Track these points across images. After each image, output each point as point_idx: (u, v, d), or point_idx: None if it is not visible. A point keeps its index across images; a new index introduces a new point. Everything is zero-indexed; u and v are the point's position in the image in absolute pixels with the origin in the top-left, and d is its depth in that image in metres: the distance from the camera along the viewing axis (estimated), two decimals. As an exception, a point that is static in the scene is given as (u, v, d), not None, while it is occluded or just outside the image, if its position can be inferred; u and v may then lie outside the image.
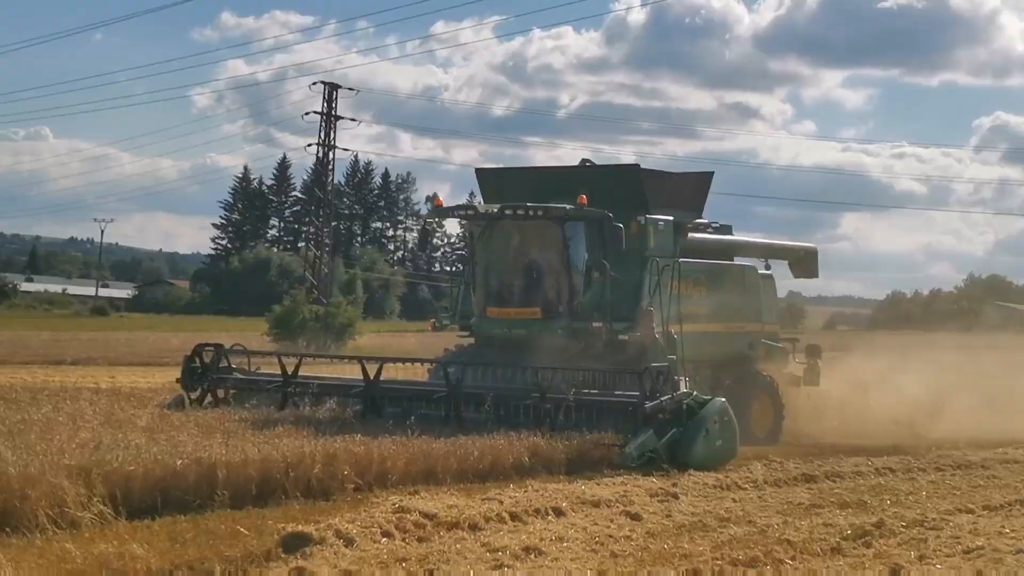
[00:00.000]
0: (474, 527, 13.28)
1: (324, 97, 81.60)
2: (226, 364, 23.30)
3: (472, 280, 24.61)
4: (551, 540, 12.80)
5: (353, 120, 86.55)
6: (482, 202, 25.46)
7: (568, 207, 22.64)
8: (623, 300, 23.18)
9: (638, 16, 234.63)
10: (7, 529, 12.14)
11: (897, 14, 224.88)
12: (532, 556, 12.10)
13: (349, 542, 12.05)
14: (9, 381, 31.80)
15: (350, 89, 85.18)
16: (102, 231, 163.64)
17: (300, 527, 12.22)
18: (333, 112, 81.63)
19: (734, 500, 16.31)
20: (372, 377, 21.38)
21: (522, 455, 17.46)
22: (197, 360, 23.09)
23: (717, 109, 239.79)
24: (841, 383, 28.33)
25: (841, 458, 20.77)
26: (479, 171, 27.35)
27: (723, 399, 20.26)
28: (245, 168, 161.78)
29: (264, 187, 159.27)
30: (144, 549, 11.57)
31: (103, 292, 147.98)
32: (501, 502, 14.50)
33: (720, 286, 25.65)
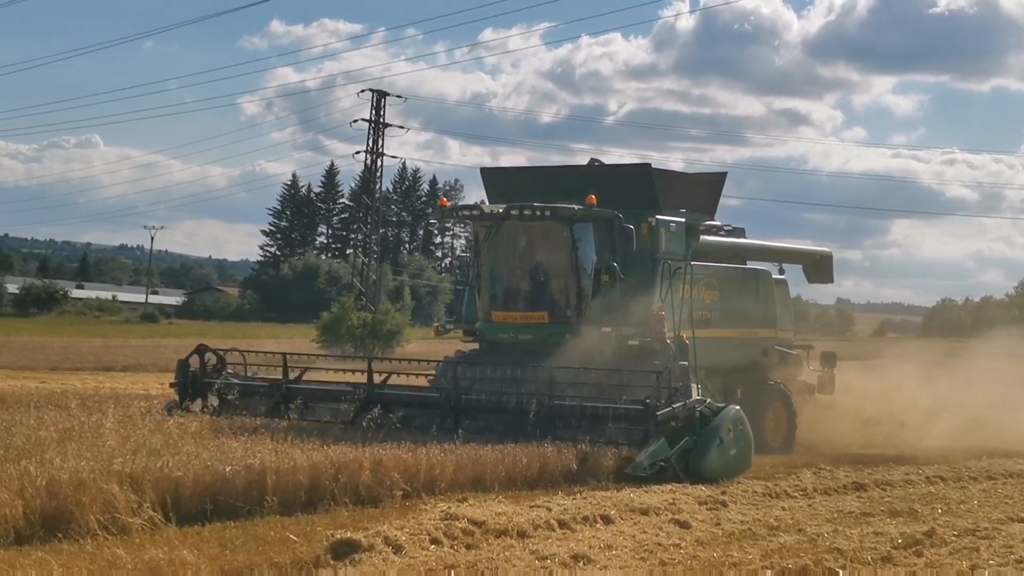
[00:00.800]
0: (522, 534, 13.27)
1: (372, 104, 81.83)
2: (222, 368, 22.84)
3: (477, 283, 23.86)
4: (600, 548, 12.77)
5: (401, 127, 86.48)
6: (488, 203, 24.61)
7: (576, 207, 21.97)
8: (633, 304, 22.39)
9: (687, 22, 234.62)
10: (59, 534, 12.22)
11: (948, 19, 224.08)
12: (581, 564, 12.08)
13: (398, 549, 12.06)
14: (60, 387, 32.07)
15: (398, 96, 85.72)
16: (152, 238, 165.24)
17: (349, 534, 12.23)
18: (381, 119, 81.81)
19: (783, 508, 16.23)
20: (376, 382, 21.11)
21: (570, 463, 17.43)
22: (192, 364, 22.67)
23: (766, 115, 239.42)
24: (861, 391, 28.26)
25: (891, 467, 20.64)
26: (484, 171, 26.54)
27: (738, 407, 19.80)
28: (294, 175, 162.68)
29: (312, 194, 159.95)
30: (194, 555, 11.63)
31: (153, 299, 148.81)
32: (549, 509, 14.49)
33: (733, 290, 24.99)
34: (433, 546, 12.43)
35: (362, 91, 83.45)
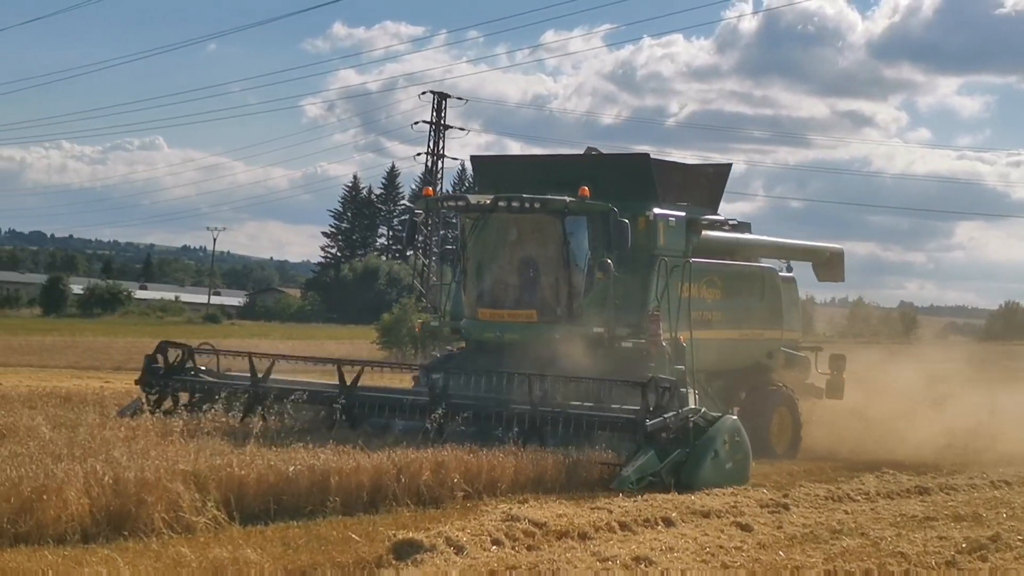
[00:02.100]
0: (583, 536, 13.27)
1: (433, 106, 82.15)
2: (192, 365, 21.86)
3: (463, 278, 22.46)
4: (661, 550, 12.74)
5: (462, 129, 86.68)
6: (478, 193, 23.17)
7: (568, 199, 20.76)
8: (628, 303, 21.28)
9: (750, 24, 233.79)
10: (124, 533, 12.35)
11: (1015, 20, 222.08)
12: (642, 566, 12.06)
13: (459, 549, 12.09)
14: (125, 388, 32.33)
15: (459, 98, 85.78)
16: (214, 239, 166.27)
17: (411, 534, 12.28)
18: (442, 121, 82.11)
19: (846, 512, 16.12)
20: (350, 383, 19.94)
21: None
22: (159, 360, 21.66)
23: (830, 117, 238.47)
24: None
25: (955, 471, 20.47)
26: (474, 159, 25.37)
27: (735, 417, 18.76)
28: (355, 177, 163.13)
29: (373, 196, 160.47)
30: (257, 554, 11.72)
31: (215, 300, 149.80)
32: (610, 511, 14.48)
33: (736, 289, 23.81)
34: (494, 547, 12.46)
35: (423, 93, 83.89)
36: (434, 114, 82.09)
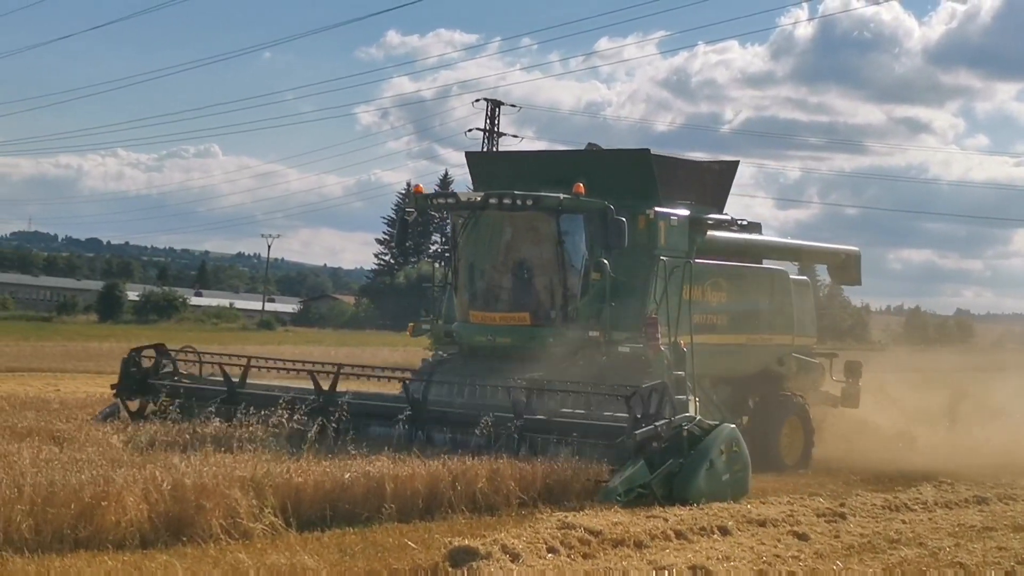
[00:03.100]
0: (639, 544, 13.24)
1: (487, 114, 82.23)
2: (171, 369, 21.27)
3: (454, 279, 21.63)
4: (717, 559, 12.71)
5: (516, 136, 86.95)
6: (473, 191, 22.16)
7: (562, 196, 19.86)
8: (627, 306, 20.33)
9: (805, 30, 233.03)
10: (183, 539, 12.43)
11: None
12: (699, 574, 12.03)
13: (515, 557, 12.08)
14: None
15: (512, 106, 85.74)
16: (269, 246, 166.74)
17: (467, 541, 12.28)
18: (496, 128, 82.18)
19: (903, 522, 16.02)
20: (328, 388, 19.26)
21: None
22: (136, 365, 21.06)
23: (886, 123, 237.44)
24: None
25: (1014, 480, 20.28)
26: (469, 155, 24.38)
27: (733, 425, 17.72)
28: (408, 184, 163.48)
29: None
30: (315, 560, 11.77)
31: (269, 307, 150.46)
32: (666, 520, 14.44)
33: (744, 292, 22.78)
34: (550, 555, 12.44)
35: (477, 100, 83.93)
36: (487, 121, 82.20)
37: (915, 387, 30.47)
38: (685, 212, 21.63)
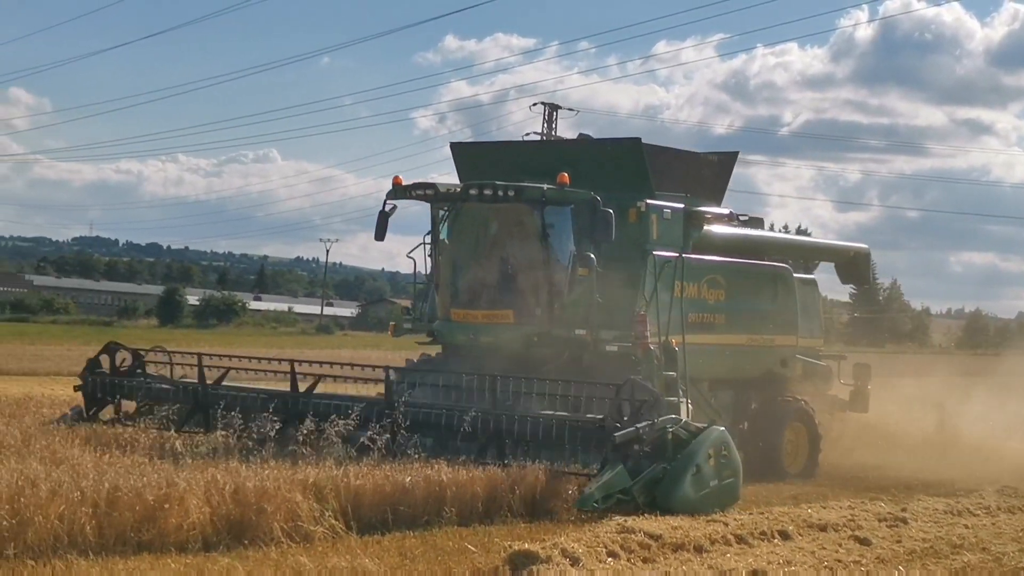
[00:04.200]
0: (699, 549, 13.21)
1: (544, 117, 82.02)
2: (140, 370, 20.38)
3: (435, 275, 20.54)
4: (778, 564, 12.67)
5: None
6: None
7: (546, 186, 18.89)
8: (616, 303, 19.25)
9: (865, 32, 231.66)
10: (244, 542, 12.49)
11: None
12: (760, 579, 11.99)
13: (575, 561, 12.08)
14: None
15: (570, 109, 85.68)
16: (327, 251, 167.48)
17: (526, 545, 12.29)
18: (553, 132, 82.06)
19: (966, 527, 15.89)
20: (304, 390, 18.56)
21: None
22: (102, 364, 20.26)
23: (947, 125, 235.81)
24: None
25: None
26: (454, 146, 22.92)
27: (723, 428, 16.71)
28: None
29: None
30: (375, 564, 11.80)
31: (328, 311, 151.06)
32: (726, 524, 14.42)
33: (744, 290, 21.57)
34: (610, 559, 12.44)
35: (534, 104, 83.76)
36: (545, 125, 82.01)
37: (968, 392, 30.01)
38: (679, 205, 20.54)
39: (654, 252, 19.67)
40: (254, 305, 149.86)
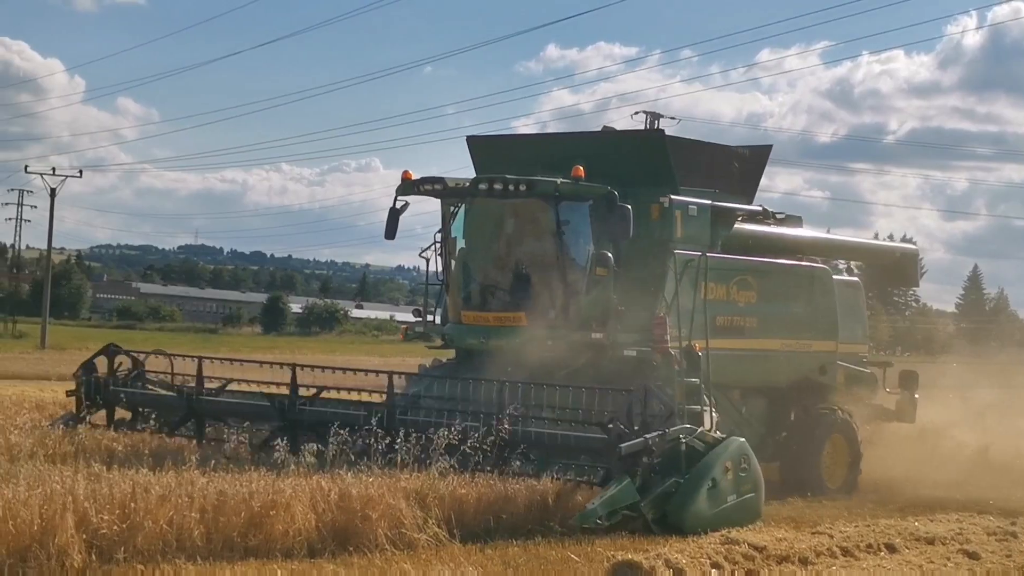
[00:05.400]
0: (804, 561, 13.10)
1: (646, 126, 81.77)
2: (137, 374, 19.52)
3: (446, 275, 19.58)
4: (886, 577, 12.51)
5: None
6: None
7: (559, 180, 17.87)
8: (634, 305, 18.17)
9: (974, 38, 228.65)
10: (349, 548, 12.57)
11: None
12: (866, 593, 11.86)
13: (678, 572, 12.05)
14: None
15: (672, 118, 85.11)
16: (427, 260, 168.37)
17: (630, 555, 12.27)
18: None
19: (1079, 542, 15.56)
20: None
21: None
22: (99, 368, 19.45)
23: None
24: None
25: None
26: (470, 139, 21.59)
27: (742, 439, 15.77)
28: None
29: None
30: (479, 572, 11.84)
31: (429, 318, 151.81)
32: (831, 536, 14.28)
33: (777, 292, 20.22)
34: (714, 570, 12.38)
35: (635, 113, 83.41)
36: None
37: None
38: (707, 202, 19.37)
39: (677, 251, 18.54)
40: (356, 313, 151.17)
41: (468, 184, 18.49)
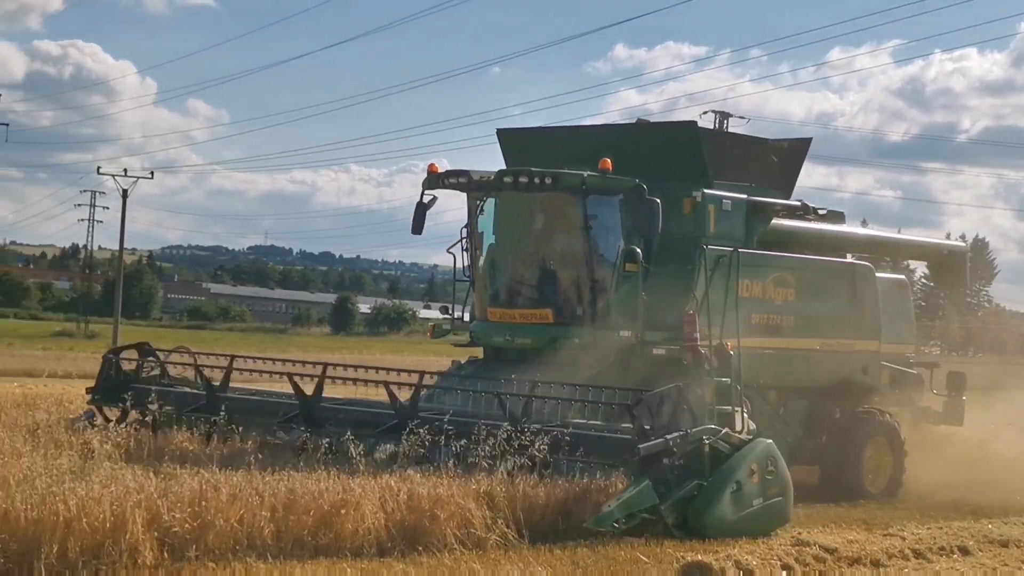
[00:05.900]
0: (876, 563, 13.03)
1: (715, 125, 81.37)
2: (159, 372, 19.17)
3: (472, 272, 19.23)
4: (959, 580, 12.39)
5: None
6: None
7: (586, 173, 17.48)
8: (663, 302, 17.71)
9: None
10: (418, 547, 12.59)
11: None
12: (940, 596, 11.76)
13: (749, 573, 12.03)
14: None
15: (741, 117, 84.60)
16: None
17: (700, 556, 12.24)
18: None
19: None
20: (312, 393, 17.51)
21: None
22: (115, 366, 19.09)
23: None
24: None
25: None
26: (500, 132, 21.05)
27: (769, 440, 15.16)
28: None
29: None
30: (548, 573, 11.82)
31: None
32: (903, 538, 14.18)
33: (816, 289, 19.60)
34: (784, 572, 12.35)
35: (704, 112, 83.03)
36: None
37: None
38: (742, 196, 18.98)
39: (709, 246, 17.91)
40: (424, 314, 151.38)
41: (493, 177, 18.18)
